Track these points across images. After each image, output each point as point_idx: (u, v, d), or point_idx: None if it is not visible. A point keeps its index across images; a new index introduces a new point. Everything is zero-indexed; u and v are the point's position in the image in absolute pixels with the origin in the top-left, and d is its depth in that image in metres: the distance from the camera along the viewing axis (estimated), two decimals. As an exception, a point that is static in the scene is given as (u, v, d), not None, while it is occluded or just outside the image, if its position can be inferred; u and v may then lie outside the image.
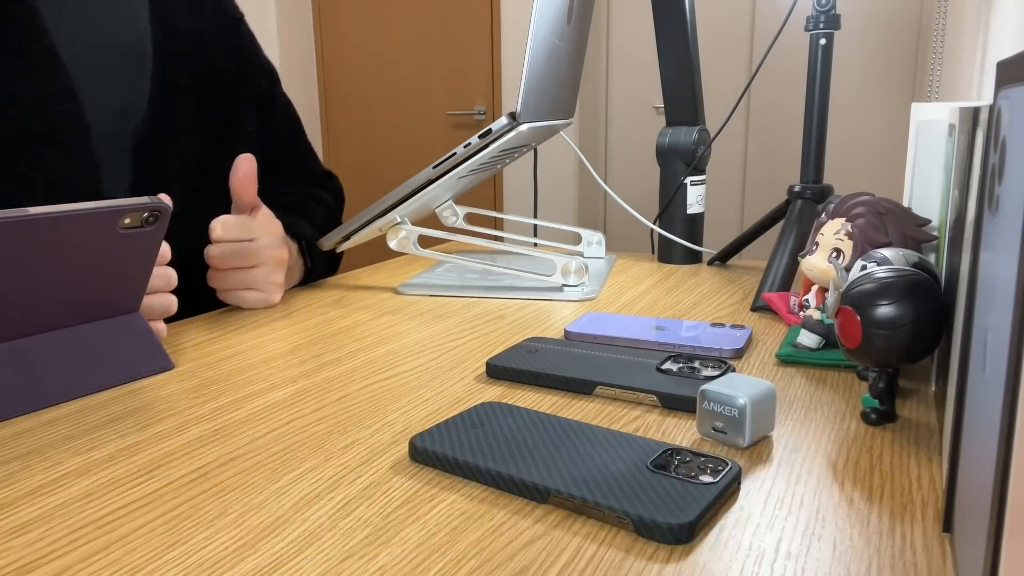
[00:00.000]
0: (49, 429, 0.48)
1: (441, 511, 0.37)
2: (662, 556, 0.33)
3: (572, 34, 0.87)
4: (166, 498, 0.39)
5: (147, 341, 0.59)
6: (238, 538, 0.35)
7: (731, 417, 0.43)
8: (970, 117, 0.40)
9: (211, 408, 0.51)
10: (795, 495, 0.38)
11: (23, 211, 0.47)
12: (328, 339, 0.67)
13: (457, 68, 3.48)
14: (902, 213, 0.56)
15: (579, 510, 0.37)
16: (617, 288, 0.85)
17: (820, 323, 0.59)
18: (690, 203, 0.97)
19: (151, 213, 0.54)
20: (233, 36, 0.90)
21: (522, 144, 0.85)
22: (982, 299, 0.29)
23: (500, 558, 0.33)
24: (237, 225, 0.74)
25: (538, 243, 1.03)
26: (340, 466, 0.42)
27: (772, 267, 0.78)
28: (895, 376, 0.47)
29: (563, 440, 0.43)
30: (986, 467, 0.25)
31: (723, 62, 3.22)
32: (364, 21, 3.61)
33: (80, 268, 0.52)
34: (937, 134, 0.55)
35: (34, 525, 0.37)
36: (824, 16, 0.78)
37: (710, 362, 0.55)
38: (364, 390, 0.54)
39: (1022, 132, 0.24)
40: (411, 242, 0.85)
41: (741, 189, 3.32)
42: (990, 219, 0.29)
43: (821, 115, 0.81)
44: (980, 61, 1.39)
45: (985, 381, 0.27)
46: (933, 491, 0.39)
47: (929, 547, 0.34)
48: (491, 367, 0.56)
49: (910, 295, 0.43)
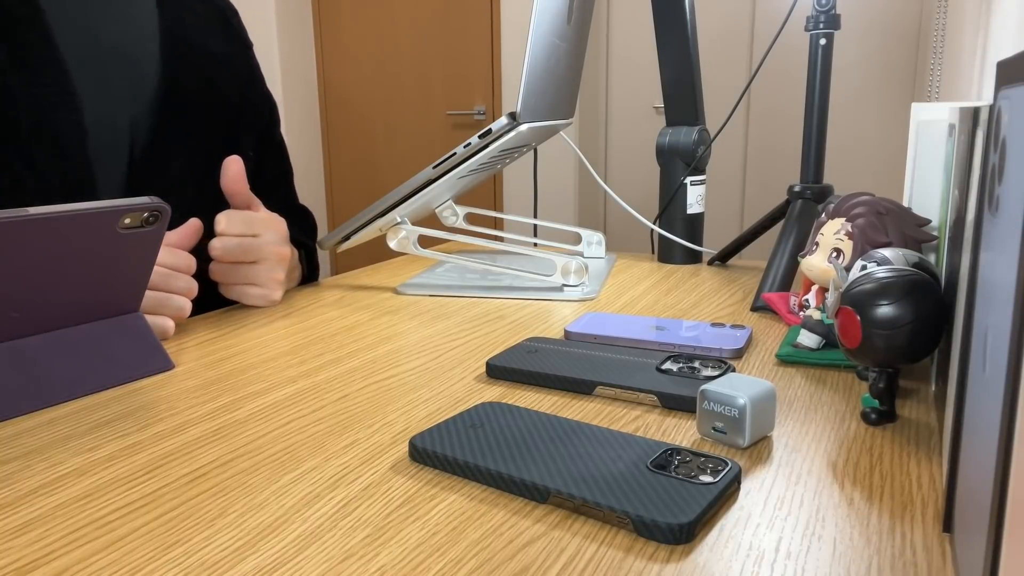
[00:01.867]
0: (49, 429, 0.48)
1: (441, 511, 0.37)
2: (662, 556, 0.33)
3: (572, 34, 0.87)
4: (166, 498, 0.39)
5: (147, 341, 0.59)
6: (238, 538, 0.35)
7: (731, 417, 0.43)
8: (970, 117, 0.40)
9: (211, 408, 0.51)
10: (795, 495, 0.38)
11: (23, 211, 0.47)
12: (328, 339, 0.67)
13: (457, 68, 3.48)
14: (902, 213, 0.56)
15: (579, 510, 0.37)
16: (617, 288, 0.85)
17: (820, 323, 0.59)
18: (690, 203, 0.97)
19: (151, 213, 0.54)
20: (242, 63, 0.89)
21: (522, 144, 0.85)
22: (982, 299, 0.29)
23: (500, 558, 0.33)
24: (241, 220, 0.74)
25: (538, 243, 1.03)
26: (340, 466, 0.42)
27: (772, 267, 0.78)
28: (895, 376, 0.47)
29: (563, 440, 0.43)
30: (986, 467, 0.25)
31: (723, 62, 3.21)
32: (364, 21, 3.61)
33: (80, 268, 0.52)
34: (937, 134, 0.55)
35: (34, 525, 0.37)
36: (824, 16, 0.78)
37: (710, 362, 0.55)
38: (364, 390, 0.54)
39: (1022, 132, 0.24)
40: (411, 242, 0.85)
41: (741, 189, 3.32)
42: (990, 219, 0.29)
43: (821, 115, 0.81)
44: (980, 61, 1.39)
45: (985, 381, 0.27)
46: (933, 491, 0.39)
47: (929, 547, 0.34)
48: (491, 367, 0.56)
49: (910, 295, 0.43)
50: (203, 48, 0.83)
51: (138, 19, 0.78)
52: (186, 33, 0.82)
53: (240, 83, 0.88)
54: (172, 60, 0.79)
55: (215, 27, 0.87)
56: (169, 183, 0.78)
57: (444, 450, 0.42)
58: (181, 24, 0.81)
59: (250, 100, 0.90)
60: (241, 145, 0.87)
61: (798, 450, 0.44)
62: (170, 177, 0.79)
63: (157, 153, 0.78)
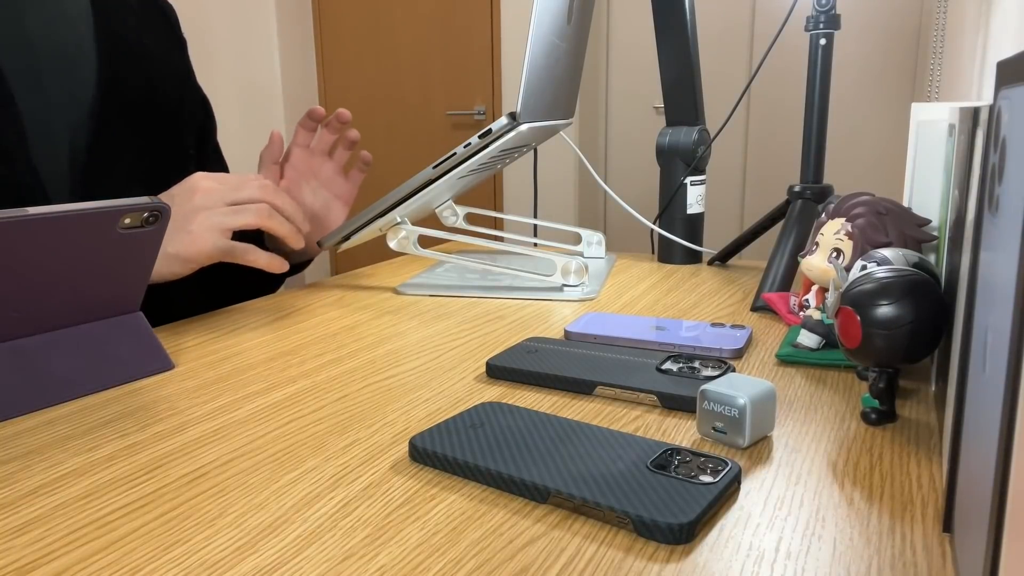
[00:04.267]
0: (49, 429, 0.48)
1: (441, 511, 0.37)
2: (662, 556, 0.33)
3: (572, 34, 0.87)
4: (166, 498, 0.39)
5: (147, 341, 0.59)
6: (238, 538, 0.35)
7: (731, 417, 0.43)
8: (970, 117, 0.40)
9: (211, 408, 0.51)
10: (795, 495, 0.38)
11: (23, 211, 0.47)
12: (328, 339, 0.67)
13: (457, 68, 3.48)
14: (902, 213, 0.56)
15: (579, 510, 0.37)
16: (617, 288, 0.85)
17: (820, 323, 0.59)
18: (690, 203, 0.97)
19: (151, 213, 0.54)
20: (178, 60, 0.89)
21: (522, 144, 0.85)
22: (982, 299, 0.29)
23: (500, 558, 0.33)
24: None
25: (538, 243, 1.03)
26: (340, 466, 0.42)
27: (772, 267, 0.78)
28: (895, 376, 0.47)
29: (563, 440, 0.43)
30: (986, 467, 0.25)
31: (723, 62, 3.21)
32: (364, 21, 3.61)
33: (80, 268, 0.52)
34: (937, 134, 0.55)
35: (34, 525, 0.37)
36: (824, 16, 0.78)
37: (710, 362, 0.55)
38: (364, 390, 0.54)
39: (1022, 132, 0.24)
40: (411, 242, 0.85)
41: (741, 189, 3.32)
42: (990, 219, 0.29)
43: (821, 115, 0.81)
44: (980, 61, 1.39)
45: (985, 381, 0.27)
46: (933, 491, 0.39)
47: (929, 547, 0.34)
48: (491, 367, 0.56)
49: (910, 295, 0.44)
50: (139, 44, 0.82)
51: (71, 16, 0.76)
52: (123, 31, 0.80)
53: (178, 81, 0.87)
54: (110, 60, 0.78)
55: (152, 24, 0.85)
56: (117, 184, 0.77)
57: (444, 450, 0.42)
58: (117, 21, 0.80)
59: (185, 98, 0.89)
60: (184, 143, 0.86)
61: (798, 450, 0.44)
62: (117, 178, 0.77)
63: (101, 155, 0.76)
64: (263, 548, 0.34)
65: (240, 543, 0.35)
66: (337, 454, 0.44)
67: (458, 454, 0.41)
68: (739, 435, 0.43)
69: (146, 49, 0.83)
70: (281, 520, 0.37)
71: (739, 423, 0.43)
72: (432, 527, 0.36)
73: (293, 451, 0.44)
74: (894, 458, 0.42)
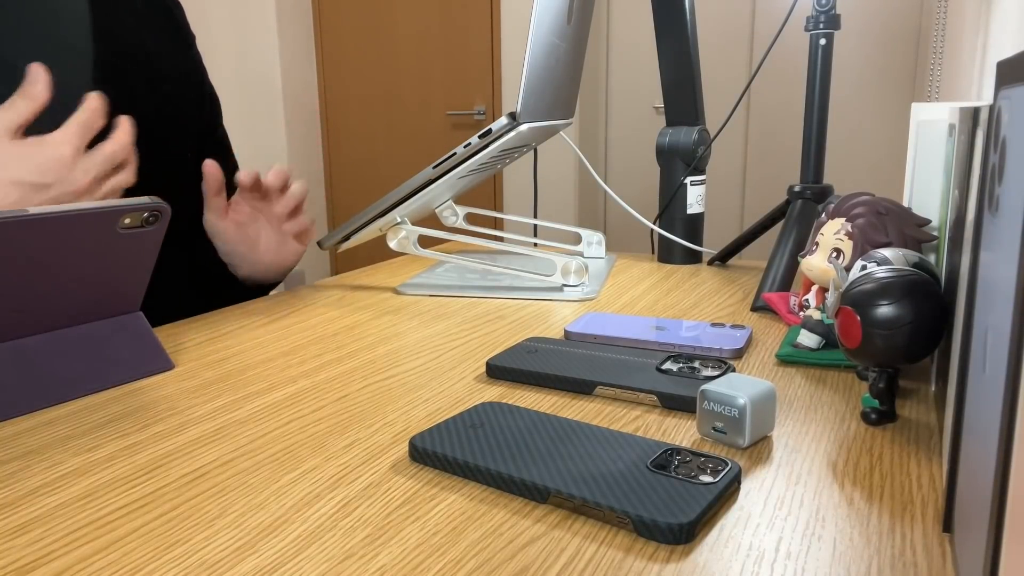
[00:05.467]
0: (49, 429, 0.48)
1: (441, 511, 0.37)
2: (662, 556, 0.33)
3: (572, 34, 0.87)
4: (166, 498, 0.39)
5: (147, 341, 0.59)
6: (238, 538, 0.35)
7: (731, 417, 0.43)
8: (970, 117, 0.40)
9: (211, 408, 0.51)
10: (795, 495, 0.38)
11: (23, 211, 0.47)
12: (328, 339, 0.67)
13: (457, 68, 3.48)
14: (902, 213, 0.56)
15: (579, 510, 0.37)
16: (617, 288, 0.85)
17: (820, 323, 0.59)
18: (690, 203, 0.97)
19: (151, 213, 0.54)
20: (181, 59, 0.88)
21: (522, 144, 0.85)
22: (982, 299, 0.29)
23: (500, 558, 0.33)
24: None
25: (538, 243, 1.03)
26: (340, 466, 0.42)
27: (772, 267, 0.78)
28: (895, 376, 0.47)
29: (563, 440, 0.43)
30: (986, 467, 0.25)
31: (723, 62, 3.22)
32: (364, 21, 3.61)
33: (80, 268, 0.52)
34: (937, 134, 0.55)
35: (34, 525, 0.37)
36: (824, 16, 0.78)
37: (710, 362, 0.55)
38: (364, 390, 0.54)
39: (1022, 132, 0.24)
40: (411, 242, 0.85)
41: (741, 189, 3.32)
42: (990, 219, 0.29)
43: (821, 115, 0.81)
44: (980, 61, 1.39)
45: (985, 381, 0.27)
46: (933, 491, 0.39)
47: (929, 547, 0.34)
48: (491, 367, 0.56)
49: (910, 295, 0.44)
50: (139, 45, 0.81)
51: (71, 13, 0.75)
52: (121, 31, 0.79)
53: (181, 81, 0.86)
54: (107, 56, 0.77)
55: (155, 23, 0.84)
56: None
57: (444, 450, 0.42)
58: (116, 21, 0.79)
59: (189, 98, 0.88)
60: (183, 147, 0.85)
61: (798, 450, 0.44)
62: None
63: None
64: (263, 548, 0.34)
65: (240, 543, 0.35)
66: (337, 454, 0.44)
67: (458, 454, 0.41)
68: (739, 435, 0.43)
69: (146, 49, 0.82)
70: (281, 520, 0.37)
71: (739, 423, 0.43)
72: (432, 527, 0.36)
73: (293, 451, 0.44)
74: (894, 458, 0.42)
